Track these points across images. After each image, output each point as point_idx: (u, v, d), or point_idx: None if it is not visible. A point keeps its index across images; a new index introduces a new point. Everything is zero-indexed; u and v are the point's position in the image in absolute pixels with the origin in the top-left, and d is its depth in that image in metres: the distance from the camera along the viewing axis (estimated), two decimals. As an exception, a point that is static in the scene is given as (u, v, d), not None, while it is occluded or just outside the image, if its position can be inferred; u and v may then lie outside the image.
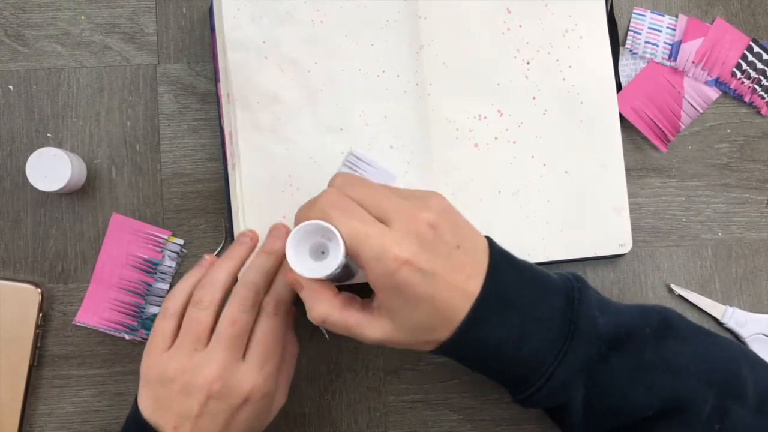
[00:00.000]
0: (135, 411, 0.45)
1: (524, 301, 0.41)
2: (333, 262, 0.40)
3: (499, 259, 0.42)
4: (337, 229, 0.39)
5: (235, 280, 0.47)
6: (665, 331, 0.43)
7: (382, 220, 0.40)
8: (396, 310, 0.40)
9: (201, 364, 0.43)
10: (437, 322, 0.40)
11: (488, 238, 0.43)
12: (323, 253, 0.41)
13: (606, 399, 0.42)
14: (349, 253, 0.39)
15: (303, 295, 0.42)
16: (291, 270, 0.41)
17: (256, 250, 0.48)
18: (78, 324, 0.53)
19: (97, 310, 0.53)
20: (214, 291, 0.45)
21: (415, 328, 0.41)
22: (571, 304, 0.42)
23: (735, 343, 0.45)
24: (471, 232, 0.42)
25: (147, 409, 0.44)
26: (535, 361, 0.41)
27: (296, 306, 0.47)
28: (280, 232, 0.48)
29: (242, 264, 0.48)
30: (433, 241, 0.39)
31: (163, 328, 0.45)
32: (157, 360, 0.44)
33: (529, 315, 0.41)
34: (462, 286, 0.40)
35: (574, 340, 0.41)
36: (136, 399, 0.46)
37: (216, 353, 0.44)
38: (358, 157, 0.51)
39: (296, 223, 0.41)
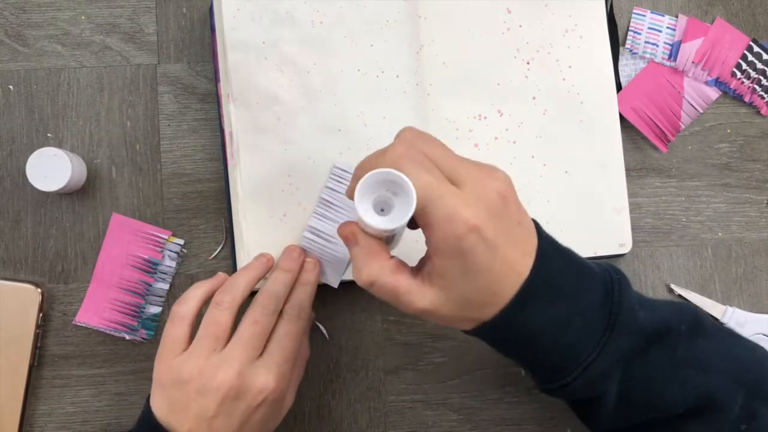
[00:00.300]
0: (148, 413, 0.45)
1: (568, 288, 0.40)
2: (402, 216, 0.36)
3: (547, 242, 0.41)
4: (411, 181, 0.36)
5: (252, 291, 0.48)
6: (697, 327, 0.43)
7: (452, 181, 0.38)
8: (452, 279, 0.38)
9: (219, 364, 0.44)
10: (487, 298, 0.39)
11: (534, 221, 0.41)
12: (383, 210, 0.38)
13: (641, 392, 0.41)
14: (417, 210, 0.37)
15: (354, 253, 0.40)
16: (348, 224, 0.40)
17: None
18: (78, 324, 0.53)
19: (97, 310, 0.53)
20: (235, 294, 0.46)
21: (465, 301, 0.39)
22: (610, 295, 0.41)
23: (757, 344, 0.45)
24: (524, 210, 0.41)
25: (162, 411, 0.44)
26: (574, 350, 0.40)
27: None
28: (294, 252, 0.50)
29: (260, 277, 0.49)
30: (500, 212, 0.38)
31: (175, 332, 0.45)
32: (171, 363, 0.44)
33: (572, 303, 0.40)
34: (517, 263, 0.38)
35: (614, 331, 0.40)
36: (148, 400, 0.46)
37: (235, 353, 0.44)
38: (343, 169, 0.52)
39: (358, 175, 0.38)
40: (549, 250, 0.41)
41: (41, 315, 0.53)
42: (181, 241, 0.54)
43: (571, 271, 0.41)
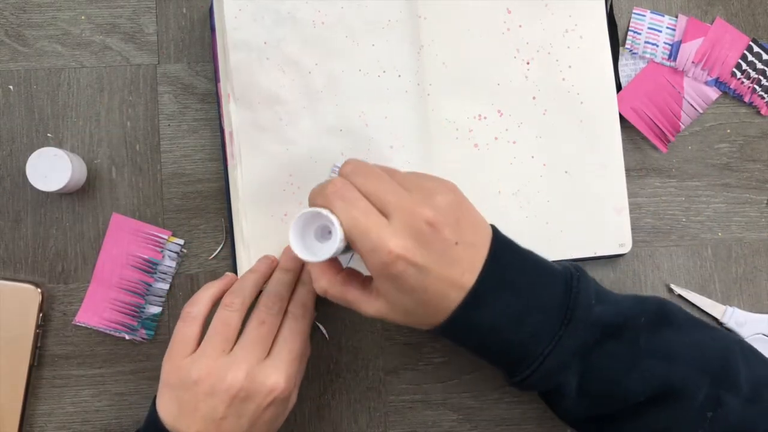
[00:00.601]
0: (154, 416, 0.45)
1: (523, 287, 0.42)
2: (330, 248, 0.41)
3: (500, 247, 0.43)
4: (338, 218, 0.40)
5: (258, 292, 0.48)
6: (662, 320, 0.44)
7: (382, 212, 0.41)
8: (390, 296, 0.42)
9: (228, 365, 0.44)
10: (430, 311, 0.42)
11: (493, 227, 0.44)
12: (330, 232, 0.42)
13: (599, 384, 0.43)
14: (349, 241, 0.41)
15: (310, 270, 0.45)
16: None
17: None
18: (78, 324, 0.53)
19: (97, 310, 0.53)
20: (244, 296, 0.47)
21: (407, 312, 0.42)
22: (569, 291, 0.42)
23: (729, 334, 0.46)
24: (474, 225, 0.43)
25: (169, 415, 0.44)
26: (530, 345, 0.42)
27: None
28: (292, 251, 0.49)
29: (266, 278, 0.49)
30: (429, 238, 0.40)
31: (185, 332, 0.46)
32: (180, 364, 0.45)
33: (527, 301, 0.42)
34: (457, 279, 0.41)
35: (570, 325, 0.42)
36: (154, 402, 0.46)
37: (243, 354, 0.44)
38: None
39: (309, 203, 0.43)
40: (502, 253, 0.43)
41: (41, 315, 0.53)
42: (181, 241, 0.54)
43: (527, 270, 0.43)
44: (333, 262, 0.44)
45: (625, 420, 0.44)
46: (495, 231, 0.44)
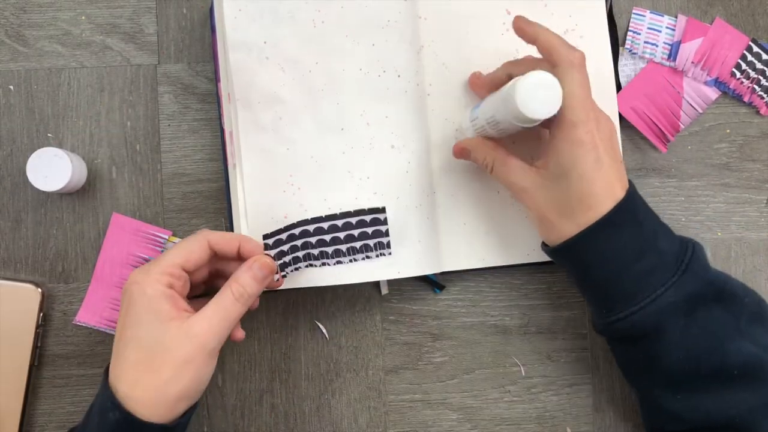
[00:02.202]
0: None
1: (648, 227, 0.46)
2: (554, 105, 0.43)
3: (634, 190, 0.47)
4: (575, 92, 0.45)
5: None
6: (759, 311, 0.46)
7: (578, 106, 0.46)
8: (556, 176, 0.45)
9: None
10: (579, 206, 0.45)
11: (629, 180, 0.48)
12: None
13: (701, 341, 0.45)
14: (559, 111, 0.44)
15: (475, 156, 0.50)
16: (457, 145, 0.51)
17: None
18: (78, 324, 0.53)
19: (96, 309, 0.53)
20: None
21: (560, 197, 0.46)
22: (685, 250, 0.46)
23: None
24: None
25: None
26: (645, 280, 0.45)
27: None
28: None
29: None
30: (608, 143, 0.46)
31: None
32: None
33: (649, 240, 0.45)
34: (614, 189, 0.45)
35: (685, 274, 0.45)
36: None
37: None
38: None
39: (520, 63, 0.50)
40: (637, 195, 0.47)
41: (41, 315, 0.53)
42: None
43: (652, 218, 0.47)
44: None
45: (712, 389, 0.45)
46: (631, 183, 0.47)
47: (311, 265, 0.51)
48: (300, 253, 0.50)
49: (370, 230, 0.51)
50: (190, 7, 0.56)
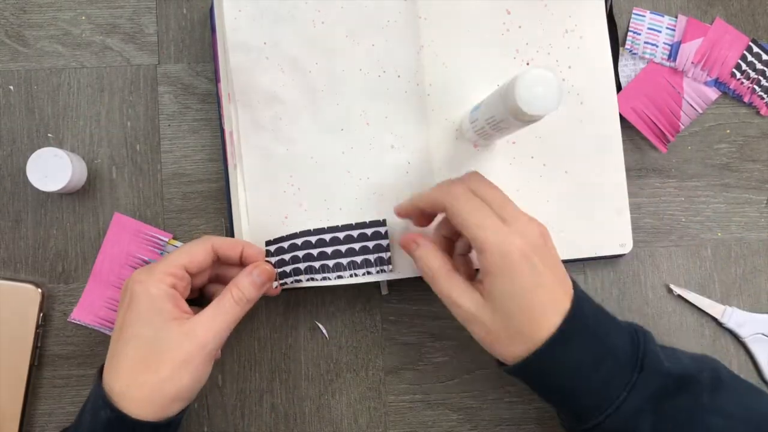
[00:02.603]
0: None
1: (601, 331, 0.44)
2: (551, 106, 0.43)
3: (579, 289, 0.45)
4: (467, 220, 0.44)
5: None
6: (716, 381, 0.45)
7: (501, 219, 0.44)
8: (496, 293, 0.43)
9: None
10: (526, 325, 0.42)
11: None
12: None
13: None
14: (472, 238, 0.43)
15: (422, 250, 0.47)
16: (406, 235, 0.48)
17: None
18: (73, 321, 0.53)
19: (92, 308, 0.53)
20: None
21: (507, 318, 0.43)
22: (635, 342, 0.44)
23: None
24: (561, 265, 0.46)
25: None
26: (606, 390, 0.43)
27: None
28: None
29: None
30: (542, 249, 0.43)
31: None
32: None
33: (603, 345, 0.43)
34: (558, 299, 0.43)
35: (643, 371, 0.43)
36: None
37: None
38: None
39: (414, 200, 0.48)
40: (583, 296, 0.45)
41: (41, 315, 0.53)
42: (180, 244, 0.54)
43: (601, 317, 0.45)
44: (439, 245, 0.48)
45: None
46: (574, 284, 0.45)
47: (312, 279, 0.51)
48: (302, 265, 0.51)
49: (371, 244, 0.51)
50: (190, 7, 0.56)
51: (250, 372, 0.55)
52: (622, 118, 0.55)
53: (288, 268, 0.51)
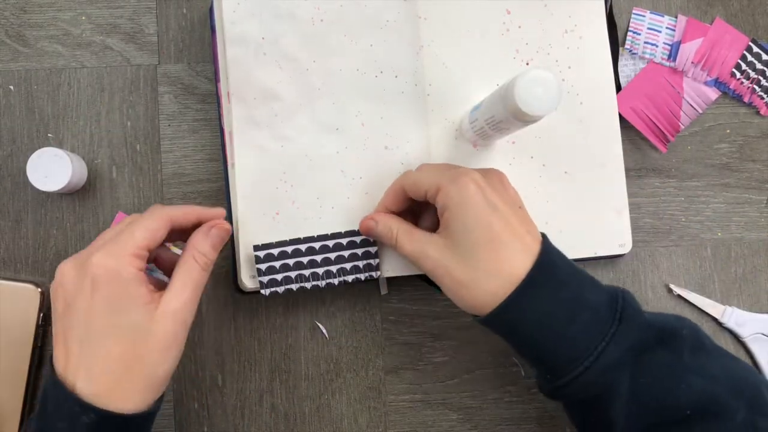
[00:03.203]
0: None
1: (574, 284, 0.43)
2: (550, 106, 0.43)
3: (550, 246, 0.44)
4: (424, 179, 0.46)
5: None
6: (697, 341, 0.44)
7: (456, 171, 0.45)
8: (457, 229, 0.43)
9: None
10: (491, 263, 0.42)
11: (542, 233, 0.46)
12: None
13: (651, 390, 0.42)
14: (432, 191, 0.45)
15: (381, 215, 0.49)
16: (364, 219, 0.50)
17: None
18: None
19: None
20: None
21: (467, 256, 0.43)
22: (615, 298, 0.43)
23: (751, 366, 0.46)
24: (529, 217, 0.46)
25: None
26: (585, 340, 0.42)
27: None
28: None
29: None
30: (500, 190, 0.44)
31: None
32: None
33: (577, 297, 0.42)
34: (521, 234, 0.43)
35: (622, 323, 0.42)
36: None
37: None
38: None
39: (388, 193, 0.50)
40: (554, 249, 0.44)
41: (41, 315, 0.53)
42: (179, 251, 0.54)
43: (574, 271, 0.44)
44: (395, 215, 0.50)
45: None
46: (543, 235, 0.45)
47: (303, 287, 0.51)
48: (292, 273, 0.51)
49: (360, 251, 0.51)
50: (190, 7, 0.56)
51: (250, 372, 0.55)
52: (621, 118, 0.55)
53: (279, 276, 0.51)
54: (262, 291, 0.50)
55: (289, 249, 0.51)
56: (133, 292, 0.41)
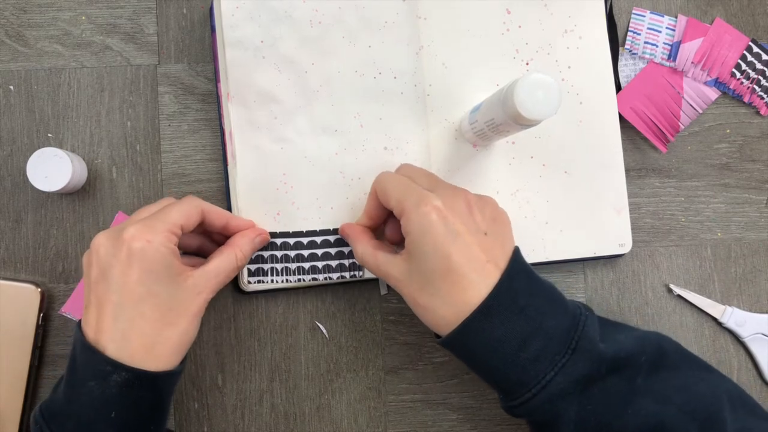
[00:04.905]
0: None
1: (532, 310, 0.43)
2: (551, 110, 0.43)
3: (517, 265, 0.44)
4: (392, 192, 0.46)
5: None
6: (659, 360, 0.44)
7: (425, 189, 0.45)
8: (417, 254, 0.44)
9: None
10: (449, 290, 0.43)
11: (516, 249, 0.45)
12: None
13: (598, 417, 0.43)
14: (395, 204, 0.45)
15: (351, 235, 0.50)
16: (345, 225, 0.51)
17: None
18: (63, 314, 0.53)
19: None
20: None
21: (426, 282, 0.43)
22: (575, 326, 0.43)
23: (723, 380, 0.46)
24: (504, 236, 0.45)
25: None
26: (533, 368, 0.42)
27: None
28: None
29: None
30: (464, 215, 0.44)
31: None
32: None
33: (534, 324, 0.43)
34: (481, 264, 0.43)
35: (574, 354, 0.42)
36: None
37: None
38: None
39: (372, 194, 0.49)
40: (518, 271, 0.44)
41: (41, 315, 0.53)
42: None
43: (537, 296, 0.44)
44: (368, 232, 0.50)
45: None
46: (516, 252, 0.45)
47: (287, 280, 0.52)
48: (278, 266, 0.51)
49: (346, 249, 0.52)
50: (190, 7, 0.56)
51: (250, 372, 0.55)
52: (621, 118, 0.55)
53: (266, 267, 0.52)
54: (248, 279, 0.51)
55: (278, 241, 0.52)
56: (169, 263, 0.44)
